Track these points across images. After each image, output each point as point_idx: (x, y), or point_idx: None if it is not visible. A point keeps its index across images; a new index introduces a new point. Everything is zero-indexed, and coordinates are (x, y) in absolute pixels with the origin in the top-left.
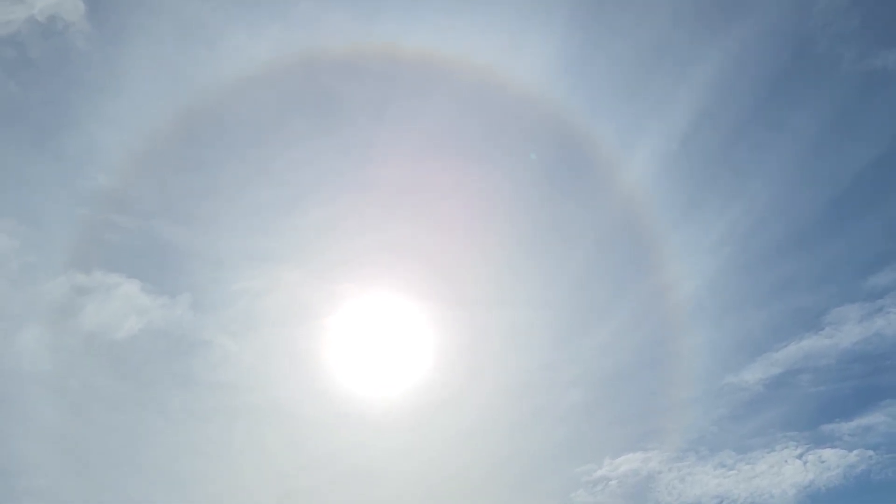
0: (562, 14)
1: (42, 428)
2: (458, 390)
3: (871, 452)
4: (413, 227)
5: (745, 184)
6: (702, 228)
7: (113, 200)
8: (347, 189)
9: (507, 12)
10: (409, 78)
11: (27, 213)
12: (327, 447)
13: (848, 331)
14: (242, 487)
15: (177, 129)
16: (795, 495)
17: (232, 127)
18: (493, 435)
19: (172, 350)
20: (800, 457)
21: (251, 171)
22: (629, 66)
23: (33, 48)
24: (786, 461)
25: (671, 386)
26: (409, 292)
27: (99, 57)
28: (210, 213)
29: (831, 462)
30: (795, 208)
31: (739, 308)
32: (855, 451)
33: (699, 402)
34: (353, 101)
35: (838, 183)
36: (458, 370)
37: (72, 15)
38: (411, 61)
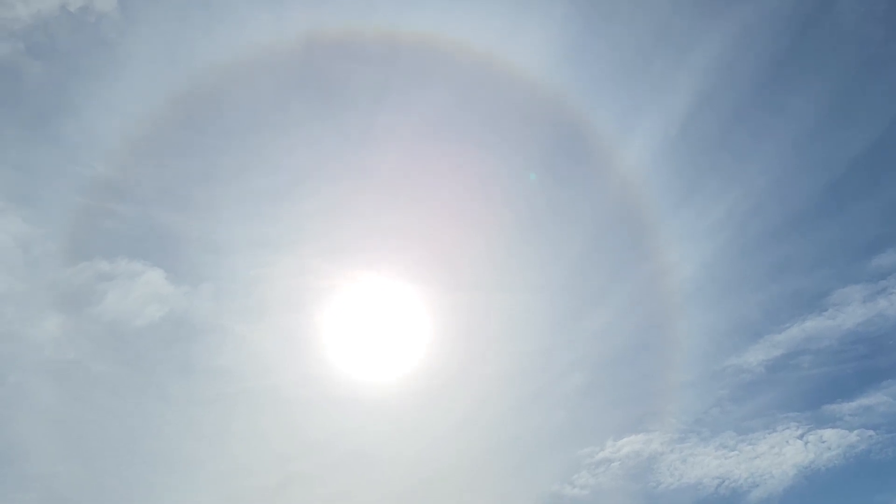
0: None
1: (45, 414)
2: (457, 374)
3: (871, 432)
4: (412, 213)
5: (744, 167)
6: (702, 212)
7: (115, 187)
8: (346, 174)
9: None
10: (409, 63)
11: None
12: (326, 431)
13: (851, 312)
14: (243, 471)
15: (176, 114)
16: (796, 475)
17: (231, 112)
18: (493, 418)
19: (173, 336)
20: (801, 437)
21: (250, 157)
22: (628, 51)
23: (63, 37)
24: (787, 442)
25: (673, 368)
26: (408, 277)
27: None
28: (209, 199)
29: (832, 442)
30: (798, 190)
31: (742, 290)
32: (855, 431)
33: (701, 383)
34: (352, 86)
35: (841, 164)
36: (457, 354)
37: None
38: (411, 46)
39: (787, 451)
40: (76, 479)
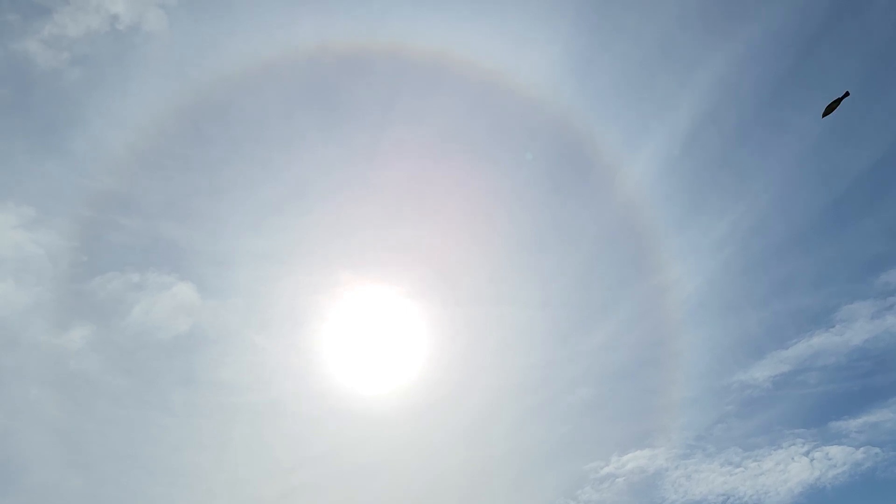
0: (568, 16)
1: (54, 424)
2: (460, 388)
3: (877, 449)
4: (417, 227)
5: (747, 184)
6: (705, 228)
7: (123, 200)
8: (352, 188)
9: (513, 14)
10: (416, 78)
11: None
12: (329, 443)
13: (858, 328)
14: (245, 482)
15: (184, 128)
16: (801, 493)
17: (239, 125)
18: (496, 432)
19: (175, 348)
20: (807, 454)
21: (256, 170)
22: (633, 69)
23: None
24: (792, 458)
25: (678, 384)
26: (413, 291)
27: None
28: (217, 212)
29: (838, 459)
30: (802, 207)
31: (747, 306)
32: (861, 449)
33: (706, 399)
34: (359, 101)
35: (844, 181)
36: (461, 368)
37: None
38: (418, 62)
39: (792, 468)
40: (82, 489)
